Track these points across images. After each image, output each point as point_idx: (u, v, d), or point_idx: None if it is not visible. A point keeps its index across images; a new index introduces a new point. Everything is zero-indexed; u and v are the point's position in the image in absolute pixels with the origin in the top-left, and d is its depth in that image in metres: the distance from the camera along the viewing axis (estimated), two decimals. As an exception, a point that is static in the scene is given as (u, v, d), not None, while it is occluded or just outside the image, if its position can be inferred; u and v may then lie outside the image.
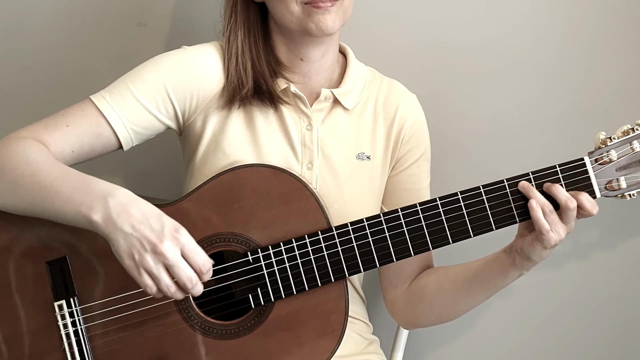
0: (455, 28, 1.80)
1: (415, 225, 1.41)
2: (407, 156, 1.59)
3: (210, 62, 1.50)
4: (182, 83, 1.48)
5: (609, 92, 1.78)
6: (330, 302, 1.43)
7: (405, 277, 1.61)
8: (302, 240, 1.41)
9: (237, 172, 1.43)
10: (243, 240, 1.42)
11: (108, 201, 1.30)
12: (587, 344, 1.87)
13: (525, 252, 1.42)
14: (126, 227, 1.29)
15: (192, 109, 1.50)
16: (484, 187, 1.42)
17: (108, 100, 1.45)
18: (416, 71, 1.79)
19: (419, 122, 1.61)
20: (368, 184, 1.56)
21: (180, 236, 1.30)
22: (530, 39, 1.79)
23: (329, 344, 1.42)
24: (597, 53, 1.78)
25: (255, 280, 1.41)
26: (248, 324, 1.42)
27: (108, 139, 1.46)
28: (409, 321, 1.66)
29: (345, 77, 1.56)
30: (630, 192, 1.44)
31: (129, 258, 1.30)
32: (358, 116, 1.56)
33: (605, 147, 1.43)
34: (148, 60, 1.50)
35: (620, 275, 1.83)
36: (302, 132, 1.52)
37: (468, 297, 1.55)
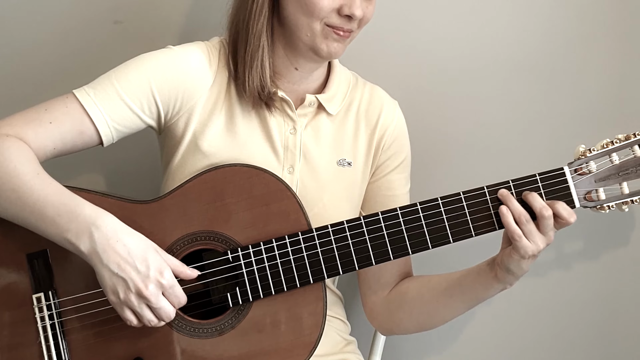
0: (436, 32, 1.82)
1: (395, 229, 1.42)
2: (387, 163, 1.60)
3: (197, 64, 1.51)
4: (168, 84, 1.48)
5: (592, 99, 1.80)
6: (308, 303, 1.43)
7: (384, 283, 1.61)
8: (282, 241, 1.41)
9: (220, 171, 1.44)
10: (223, 239, 1.42)
11: (93, 233, 1.32)
12: (568, 354, 1.87)
13: (505, 264, 1.42)
14: (112, 265, 1.31)
15: (175, 110, 1.50)
16: (464, 194, 1.43)
17: (92, 97, 1.45)
18: (398, 75, 1.80)
19: (400, 129, 1.62)
20: (348, 190, 1.57)
21: (164, 279, 1.33)
22: (513, 45, 1.81)
23: (306, 346, 1.42)
24: (581, 59, 1.80)
25: (234, 279, 1.41)
26: (225, 323, 1.42)
27: (90, 137, 1.46)
28: (387, 327, 1.65)
29: (329, 83, 1.57)
30: (608, 203, 1.45)
31: (113, 294, 1.33)
32: (341, 122, 1.58)
33: (584, 158, 1.45)
34: (134, 58, 1.50)
35: (603, 284, 1.84)
36: (285, 135, 1.53)
37: (448, 307, 1.55)
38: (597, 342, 1.87)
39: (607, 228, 1.81)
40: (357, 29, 1.48)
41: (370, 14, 1.48)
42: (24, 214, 1.35)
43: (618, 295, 1.84)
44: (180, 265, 1.37)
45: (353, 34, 1.48)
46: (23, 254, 1.41)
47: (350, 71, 1.64)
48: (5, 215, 1.37)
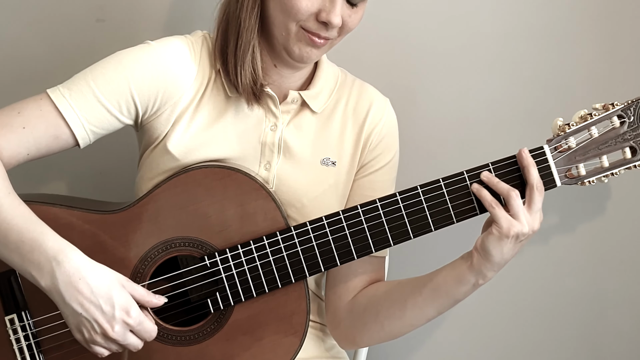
0: (419, 27, 1.78)
1: (376, 222, 1.38)
2: (372, 163, 1.52)
3: (177, 61, 1.42)
4: (147, 84, 1.39)
5: (572, 89, 1.78)
6: (291, 303, 1.40)
7: (351, 287, 1.52)
8: (260, 242, 1.37)
9: (190, 174, 1.38)
10: (199, 244, 1.37)
11: (54, 270, 1.25)
12: (550, 336, 1.88)
13: (484, 245, 1.35)
14: (75, 305, 1.26)
15: (154, 109, 1.42)
16: (443, 180, 1.39)
17: (67, 98, 1.36)
18: (381, 71, 1.76)
19: (389, 127, 1.54)
20: (330, 191, 1.50)
21: (130, 318, 1.28)
22: (491, 34, 1.78)
23: (291, 345, 1.40)
24: (559, 50, 1.77)
25: (213, 284, 1.38)
26: (208, 329, 1.39)
27: (66, 141, 1.38)
28: (348, 336, 1.53)
29: (314, 79, 1.49)
30: (589, 178, 1.43)
31: (78, 332, 1.29)
32: (326, 120, 1.50)
33: (563, 134, 1.41)
34: (110, 55, 1.41)
35: (581, 260, 1.84)
36: (265, 131, 1.46)
37: (418, 308, 1.44)
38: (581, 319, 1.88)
39: (581, 200, 1.81)
40: (337, 36, 1.40)
41: (354, 22, 1.39)
42: None
43: (598, 269, 1.85)
44: (147, 294, 1.32)
45: (332, 42, 1.41)
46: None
47: (340, 67, 1.56)
48: None
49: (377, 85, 1.59)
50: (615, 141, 1.43)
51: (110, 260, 1.35)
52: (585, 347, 1.87)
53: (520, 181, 1.39)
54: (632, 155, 1.43)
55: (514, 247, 1.36)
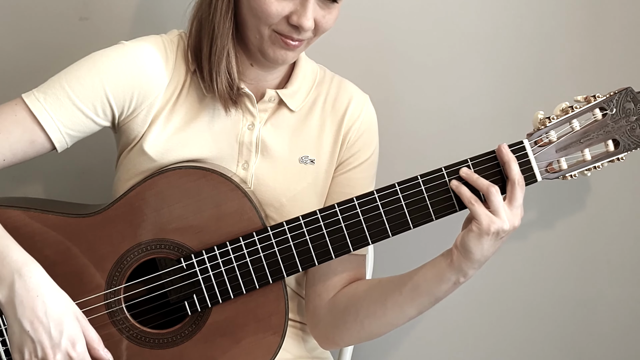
0: (398, 21, 1.77)
1: (353, 220, 1.36)
2: (350, 159, 1.50)
3: (152, 61, 1.41)
4: (122, 85, 1.38)
5: (552, 79, 1.77)
6: (270, 303, 1.39)
7: (331, 286, 1.49)
8: (237, 243, 1.36)
9: (164, 176, 1.36)
10: (175, 246, 1.36)
11: (14, 282, 1.25)
12: (533, 335, 1.87)
13: (464, 242, 1.33)
14: (25, 322, 1.25)
15: (130, 110, 1.41)
16: (422, 177, 1.37)
17: (42, 103, 1.36)
18: (358, 66, 1.75)
19: (367, 124, 1.52)
20: (309, 190, 1.49)
21: (74, 352, 1.27)
22: (473, 29, 1.77)
23: (270, 347, 1.39)
24: (541, 44, 1.77)
25: (190, 286, 1.36)
26: (185, 331, 1.38)
27: (42, 145, 1.37)
28: (328, 335, 1.51)
29: (292, 77, 1.48)
30: (571, 172, 1.40)
31: (18, 353, 1.27)
32: (304, 117, 1.48)
33: (544, 128, 1.39)
34: (84, 57, 1.40)
35: (559, 261, 1.83)
36: (242, 131, 1.44)
37: (398, 307, 1.42)
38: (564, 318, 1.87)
39: (561, 195, 1.79)
40: (312, 37, 1.38)
41: (329, 23, 1.37)
42: None
43: (582, 267, 1.84)
44: (98, 340, 1.30)
45: (308, 42, 1.39)
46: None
47: (318, 64, 1.54)
48: None
49: (360, 83, 1.57)
50: (597, 134, 1.40)
51: (87, 264, 1.35)
52: (568, 345, 1.86)
53: (500, 177, 1.37)
54: (614, 147, 1.41)
55: (494, 243, 1.34)
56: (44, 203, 1.44)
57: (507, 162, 1.35)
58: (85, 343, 1.28)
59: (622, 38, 1.75)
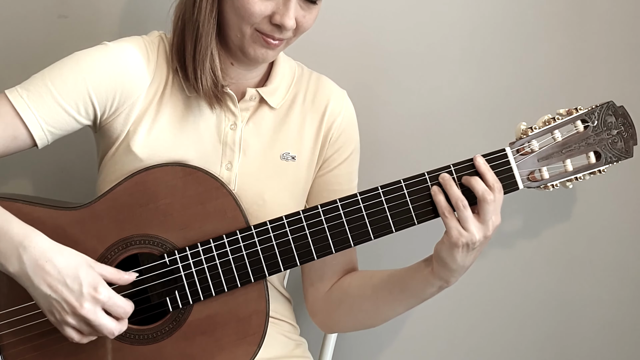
0: (382, 23, 1.78)
1: (336, 222, 1.38)
2: (335, 156, 1.54)
3: (134, 61, 1.43)
4: (105, 84, 1.41)
5: (535, 89, 1.79)
6: (251, 303, 1.39)
7: (327, 278, 1.56)
8: (220, 240, 1.37)
9: (151, 172, 1.38)
10: (159, 242, 1.37)
11: (21, 255, 1.27)
12: (514, 337, 1.87)
13: (438, 253, 1.37)
14: (43, 287, 1.27)
15: (112, 109, 1.43)
16: (404, 181, 1.39)
17: (25, 99, 1.38)
18: (343, 67, 1.77)
19: (348, 119, 1.56)
20: (291, 186, 1.51)
21: (99, 295, 1.28)
22: (457, 35, 1.79)
23: (250, 347, 1.39)
24: (524, 49, 1.79)
25: (172, 282, 1.37)
26: (166, 328, 1.38)
27: (24, 141, 1.39)
28: (327, 324, 1.60)
29: (271, 75, 1.51)
30: (552, 182, 1.42)
31: (50, 315, 1.29)
32: (284, 115, 1.51)
33: (526, 137, 1.41)
34: (67, 56, 1.43)
35: (543, 263, 1.84)
36: (225, 131, 1.47)
37: (388, 305, 1.49)
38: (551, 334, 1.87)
39: (547, 205, 1.80)
40: (292, 36, 1.41)
41: (308, 23, 1.41)
42: None
43: (572, 287, 1.85)
44: (116, 272, 1.32)
45: (288, 41, 1.42)
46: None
47: (296, 62, 1.58)
48: None
49: (345, 84, 1.60)
50: (579, 145, 1.43)
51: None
52: (551, 348, 1.87)
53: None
54: (596, 160, 1.43)
55: (468, 254, 1.36)
56: (27, 197, 1.45)
57: (481, 174, 1.37)
58: (106, 283, 1.30)
59: (605, 53, 1.78)
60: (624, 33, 1.76)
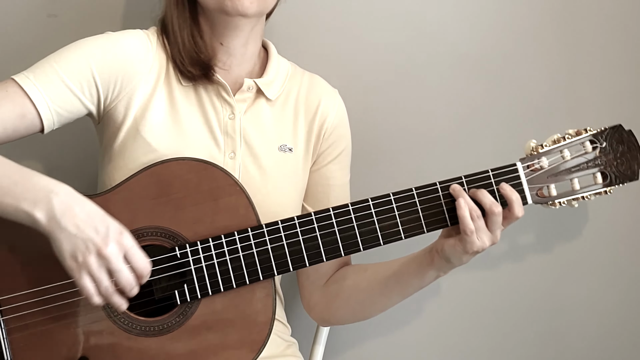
0: (380, 25, 1.81)
1: (347, 226, 1.40)
2: (328, 151, 1.59)
3: (135, 48, 1.49)
4: (108, 67, 1.45)
5: (534, 95, 1.82)
6: (258, 301, 1.40)
7: (322, 272, 1.61)
8: (231, 237, 1.38)
9: (167, 165, 1.40)
10: (171, 235, 1.38)
11: (52, 199, 1.28)
12: (514, 345, 1.89)
13: (445, 253, 1.42)
14: (71, 228, 1.27)
15: (115, 93, 1.47)
16: (416, 189, 1.41)
17: (32, 80, 1.41)
18: (341, 70, 1.79)
19: (340, 117, 1.61)
20: (291, 176, 1.55)
21: (125, 239, 1.30)
22: (458, 36, 1.81)
23: (255, 344, 1.39)
24: (527, 54, 1.81)
25: (181, 276, 1.38)
26: (172, 321, 1.39)
27: (32, 121, 1.41)
28: (324, 317, 1.64)
29: (267, 69, 1.55)
30: (560, 199, 1.45)
31: (71, 259, 1.28)
32: (280, 108, 1.56)
33: (536, 154, 1.44)
34: (72, 42, 1.47)
35: (553, 277, 1.87)
36: (224, 120, 1.51)
37: (384, 296, 1.55)
38: (545, 336, 1.89)
39: (559, 222, 1.83)
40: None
41: None
42: None
43: (567, 290, 1.87)
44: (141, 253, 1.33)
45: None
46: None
47: (289, 61, 1.62)
48: None
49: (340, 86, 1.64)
50: (587, 165, 1.46)
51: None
52: (546, 349, 1.89)
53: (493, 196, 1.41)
54: (602, 180, 1.46)
55: (474, 255, 1.42)
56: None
57: (474, 193, 1.41)
58: None
59: (617, 77, 1.82)
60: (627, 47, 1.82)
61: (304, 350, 1.68)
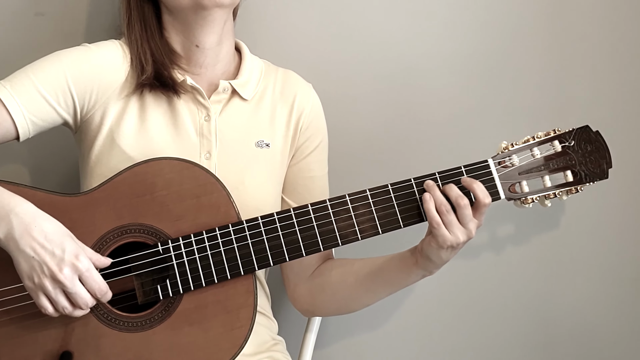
0: (358, 24, 1.87)
1: (325, 221, 1.44)
2: (306, 144, 1.64)
3: (111, 59, 1.54)
4: (84, 78, 1.51)
5: (516, 97, 1.88)
6: (239, 296, 1.43)
7: (306, 265, 1.65)
8: (213, 233, 1.42)
9: (150, 164, 1.44)
10: (153, 232, 1.42)
11: (11, 220, 1.33)
12: (497, 337, 1.93)
13: (424, 252, 1.47)
14: (28, 250, 1.32)
15: (91, 104, 1.52)
16: (391, 185, 1.46)
17: (9, 89, 1.46)
18: (319, 69, 1.85)
19: (316, 110, 1.67)
20: (268, 171, 1.60)
21: (80, 263, 1.34)
22: (440, 36, 1.87)
23: (237, 339, 1.42)
24: (508, 56, 1.88)
25: (164, 271, 1.42)
26: (155, 316, 1.42)
27: (7, 129, 1.47)
28: (309, 309, 1.69)
29: (241, 69, 1.61)
30: (532, 196, 1.50)
31: (28, 280, 1.33)
32: (256, 105, 1.62)
33: (507, 152, 1.50)
34: (49, 54, 1.52)
35: (532, 269, 1.92)
36: (200, 123, 1.56)
37: (370, 292, 1.59)
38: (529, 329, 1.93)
39: (537, 216, 1.88)
40: None
41: None
42: None
43: (550, 283, 1.92)
44: (94, 252, 1.38)
45: None
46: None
47: (262, 59, 1.69)
48: None
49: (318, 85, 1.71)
50: (557, 162, 1.51)
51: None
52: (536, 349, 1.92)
53: (465, 192, 1.46)
54: (573, 177, 1.51)
55: (452, 252, 1.46)
56: (23, 185, 1.50)
57: (444, 188, 1.46)
58: None
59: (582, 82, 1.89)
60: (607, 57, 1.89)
61: (292, 348, 1.71)
